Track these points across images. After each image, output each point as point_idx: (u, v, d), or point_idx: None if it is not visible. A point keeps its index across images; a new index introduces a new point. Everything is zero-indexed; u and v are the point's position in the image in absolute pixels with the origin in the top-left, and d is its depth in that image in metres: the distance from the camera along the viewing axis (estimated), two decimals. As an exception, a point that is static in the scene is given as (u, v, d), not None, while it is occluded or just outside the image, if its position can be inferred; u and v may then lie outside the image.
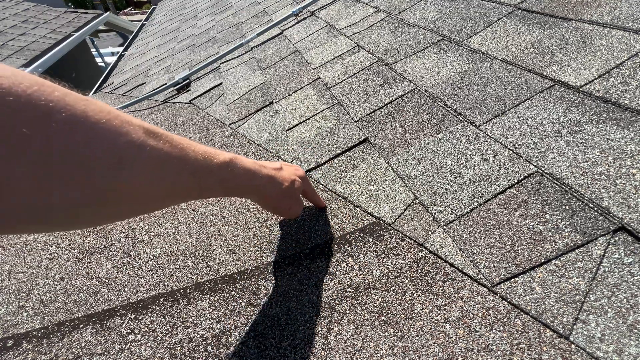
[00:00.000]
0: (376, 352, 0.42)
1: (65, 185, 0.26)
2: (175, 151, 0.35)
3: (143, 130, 0.32)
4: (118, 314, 0.52)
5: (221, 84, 1.36)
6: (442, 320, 0.42)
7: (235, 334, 0.47)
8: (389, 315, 0.45)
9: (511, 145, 0.56)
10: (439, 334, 0.41)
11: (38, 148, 0.24)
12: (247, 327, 0.48)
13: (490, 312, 0.41)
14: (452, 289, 0.45)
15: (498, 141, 0.58)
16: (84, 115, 0.27)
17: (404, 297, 0.46)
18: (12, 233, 0.29)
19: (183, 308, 0.52)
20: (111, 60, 4.55)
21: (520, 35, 0.76)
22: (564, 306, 0.38)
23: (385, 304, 0.46)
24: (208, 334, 0.48)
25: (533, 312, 0.39)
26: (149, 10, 4.39)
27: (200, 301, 0.52)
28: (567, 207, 0.46)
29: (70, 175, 0.26)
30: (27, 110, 0.24)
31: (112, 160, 0.29)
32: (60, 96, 0.26)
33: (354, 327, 0.45)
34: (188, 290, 0.54)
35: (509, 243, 0.46)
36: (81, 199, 0.28)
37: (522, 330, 0.39)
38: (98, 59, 6.39)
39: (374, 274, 0.50)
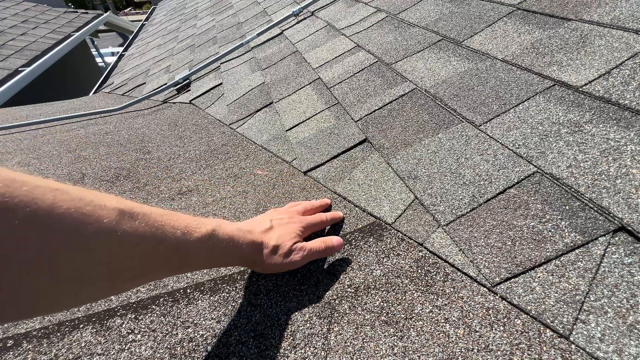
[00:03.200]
0: (376, 352, 0.42)
1: (25, 274, 0.27)
2: (150, 230, 0.35)
3: (117, 213, 0.32)
4: (118, 314, 0.52)
5: (221, 84, 1.36)
6: (442, 320, 0.42)
7: (235, 334, 0.47)
8: (389, 315, 0.45)
9: (511, 145, 0.56)
10: (439, 334, 0.41)
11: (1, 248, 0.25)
12: (247, 327, 0.48)
13: (490, 312, 0.41)
14: (452, 289, 0.45)
15: (498, 141, 0.58)
16: (51, 207, 0.27)
17: (404, 297, 0.46)
18: None
19: (183, 308, 0.52)
20: (111, 60, 4.55)
21: (520, 35, 0.76)
22: (564, 306, 0.38)
23: (385, 304, 0.46)
24: (208, 334, 0.48)
25: (533, 312, 0.39)
26: (149, 11, 4.39)
27: (200, 301, 0.52)
28: (567, 207, 0.46)
29: (34, 266, 0.27)
30: None
31: (79, 248, 0.29)
32: (28, 190, 0.27)
33: (354, 327, 0.45)
34: (188, 290, 0.54)
35: (509, 243, 0.46)
36: (44, 287, 0.28)
37: (522, 330, 0.39)
38: (98, 59, 6.39)
39: (374, 274, 0.50)
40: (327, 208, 0.64)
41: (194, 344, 0.47)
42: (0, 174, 0.26)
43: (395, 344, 0.42)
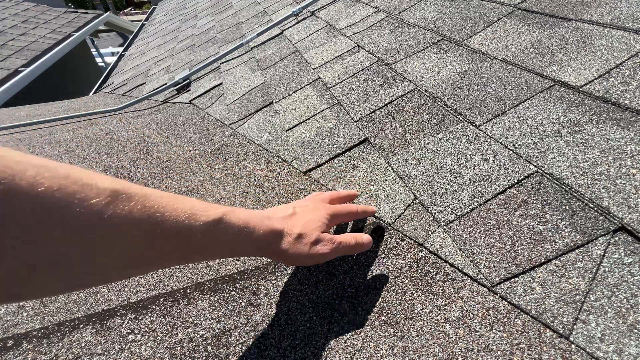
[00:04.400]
0: (376, 352, 0.42)
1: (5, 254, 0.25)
2: (147, 213, 0.32)
3: (109, 193, 0.30)
4: (118, 314, 0.52)
5: (221, 84, 1.36)
6: (442, 320, 0.42)
7: (235, 334, 0.47)
8: (389, 315, 0.45)
9: (511, 145, 0.56)
10: (439, 334, 0.41)
11: None
12: (247, 327, 0.48)
13: (490, 312, 0.41)
14: (452, 289, 0.45)
15: (498, 141, 0.58)
16: (31, 184, 0.25)
17: (404, 297, 0.46)
18: None
19: (183, 308, 0.52)
20: (111, 60, 4.55)
21: (520, 35, 0.76)
22: (564, 306, 0.38)
23: (385, 304, 0.46)
24: (208, 334, 0.48)
25: (533, 312, 0.39)
26: (149, 11, 4.40)
27: (200, 301, 0.52)
28: (567, 207, 0.46)
29: (12, 247, 0.25)
30: None
31: (62, 229, 0.27)
32: (8, 165, 0.25)
33: (354, 327, 0.45)
34: (188, 290, 0.54)
35: (509, 243, 0.46)
36: (24, 271, 0.26)
37: (522, 330, 0.39)
38: (98, 59, 6.39)
39: (374, 274, 0.50)
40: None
41: (194, 344, 0.47)
42: None
43: (395, 344, 0.42)
